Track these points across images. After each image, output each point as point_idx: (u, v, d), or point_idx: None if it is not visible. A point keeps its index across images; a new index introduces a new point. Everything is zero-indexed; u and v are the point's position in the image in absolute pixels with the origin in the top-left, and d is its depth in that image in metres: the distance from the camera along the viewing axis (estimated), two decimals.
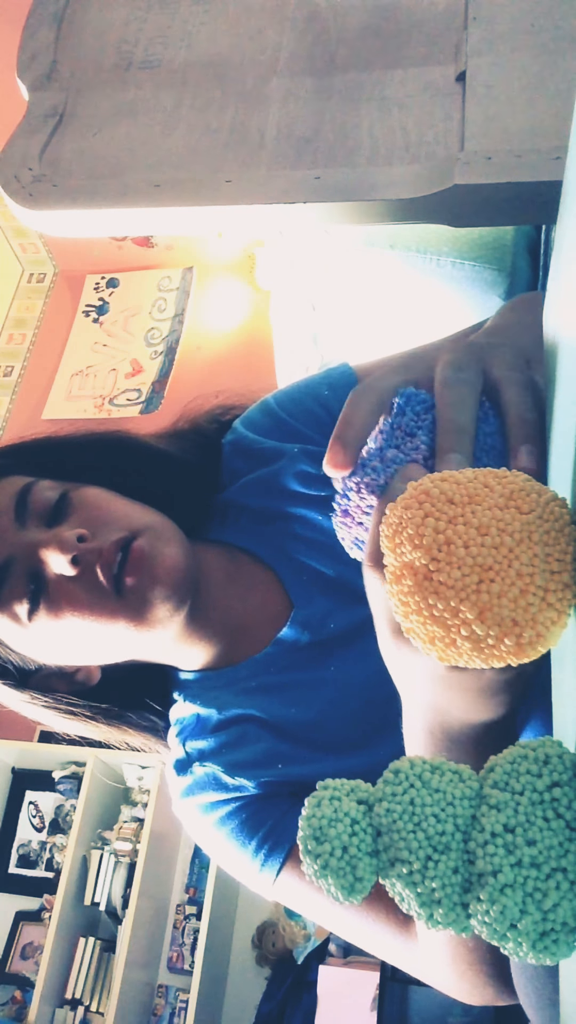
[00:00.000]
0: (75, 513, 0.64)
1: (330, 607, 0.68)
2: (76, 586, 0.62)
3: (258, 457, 0.74)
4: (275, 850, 0.64)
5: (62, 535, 0.62)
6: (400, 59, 0.75)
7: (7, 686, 0.69)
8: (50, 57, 0.86)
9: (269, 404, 0.77)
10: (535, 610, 0.30)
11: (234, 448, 0.76)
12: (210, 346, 2.99)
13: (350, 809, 0.30)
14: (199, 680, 0.71)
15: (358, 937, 0.63)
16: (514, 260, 1.44)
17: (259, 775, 0.66)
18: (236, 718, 0.68)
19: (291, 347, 2.04)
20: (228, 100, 0.79)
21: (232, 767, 0.66)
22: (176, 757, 0.71)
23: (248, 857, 0.65)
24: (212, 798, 0.67)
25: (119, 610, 0.62)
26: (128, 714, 0.73)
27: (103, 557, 0.61)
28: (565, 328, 0.37)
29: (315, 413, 0.74)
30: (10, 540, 0.63)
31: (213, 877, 2.33)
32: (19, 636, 0.65)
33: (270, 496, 0.72)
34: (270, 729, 0.67)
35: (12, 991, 2.40)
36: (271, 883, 0.64)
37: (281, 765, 0.65)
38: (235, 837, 0.65)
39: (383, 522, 0.33)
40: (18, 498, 0.65)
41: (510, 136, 0.67)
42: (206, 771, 0.68)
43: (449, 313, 1.52)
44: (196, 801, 0.68)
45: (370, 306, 1.67)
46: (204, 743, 0.69)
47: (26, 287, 3.30)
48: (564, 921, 0.26)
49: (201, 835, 0.69)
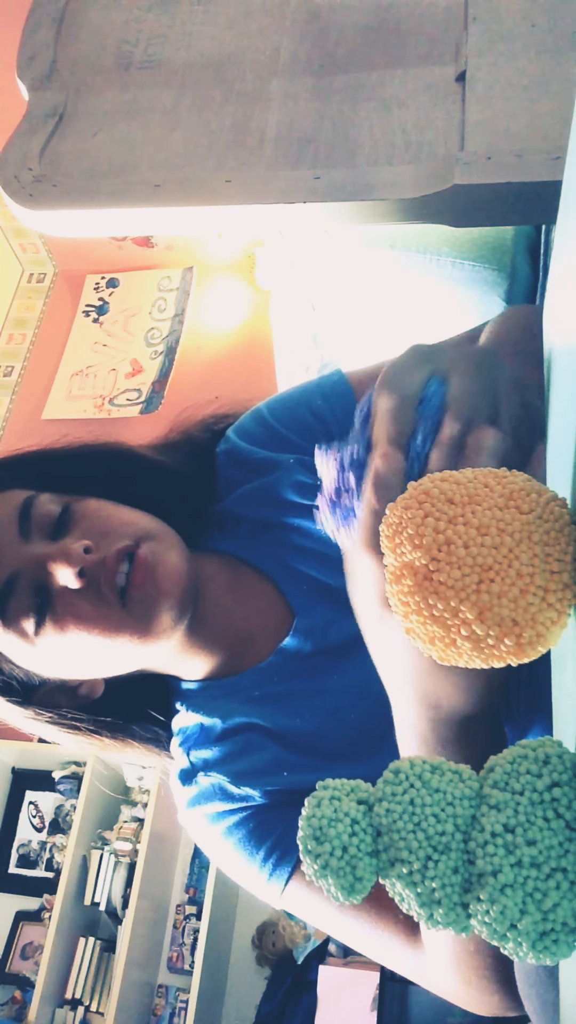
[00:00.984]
0: (78, 525, 0.65)
1: (331, 616, 0.68)
2: (81, 598, 0.62)
3: (252, 467, 0.74)
4: (283, 860, 0.64)
5: (68, 548, 0.62)
6: (400, 59, 0.75)
7: (11, 703, 0.69)
8: (50, 57, 0.86)
9: (262, 413, 0.77)
10: (535, 610, 0.30)
11: (228, 457, 0.76)
12: (210, 346, 2.99)
13: (350, 809, 0.30)
14: (202, 690, 0.71)
15: (365, 946, 0.63)
16: (514, 260, 1.44)
17: (265, 784, 0.66)
18: (240, 727, 0.68)
19: (291, 347, 2.05)
20: (228, 100, 0.79)
21: (238, 776, 0.66)
22: (180, 767, 0.71)
23: (256, 867, 0.65)
24: (219, 808, 0.67)
25: (123, 622, 0.62)
26: (131, 727, 0.73)
27: (107, 568, 0.62)
28: (564, 329, 0.37)
29: (307, 423, 0.74)
30: (15, 554, 0.63)
31: (213, 877, 2.33)
32: (25, 652, 0.65)
33: (267, 506, 0.72)
34: (274, 738, 0.67)
35: (12, 991, 2.40)
36: (279, 893, 0.64)
37: (286, 773, 0.65)
38: (243, 847, 0.65)
39: (383, 522, 0.33)
40: (21, 511, 0.65)
41: (510, 136, 0.67)
42: (212, 781, 0.68)
43: (449, 313, 1.52)
44: (203, 811, 0.68)
45: (370, 306, 1.67)
46: (209, 753, 0.69)
47: (26, 287, 3.30)
48: (564, 921, 0.26)
49: (209, 845, 0.69)
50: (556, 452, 0.37)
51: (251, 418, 0.77)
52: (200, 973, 2.20)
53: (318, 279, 1.78)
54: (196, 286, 3.06)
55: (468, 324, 0.74)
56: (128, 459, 0.74)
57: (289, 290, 2.01)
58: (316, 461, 0.45)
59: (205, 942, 2.24)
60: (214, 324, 3.02)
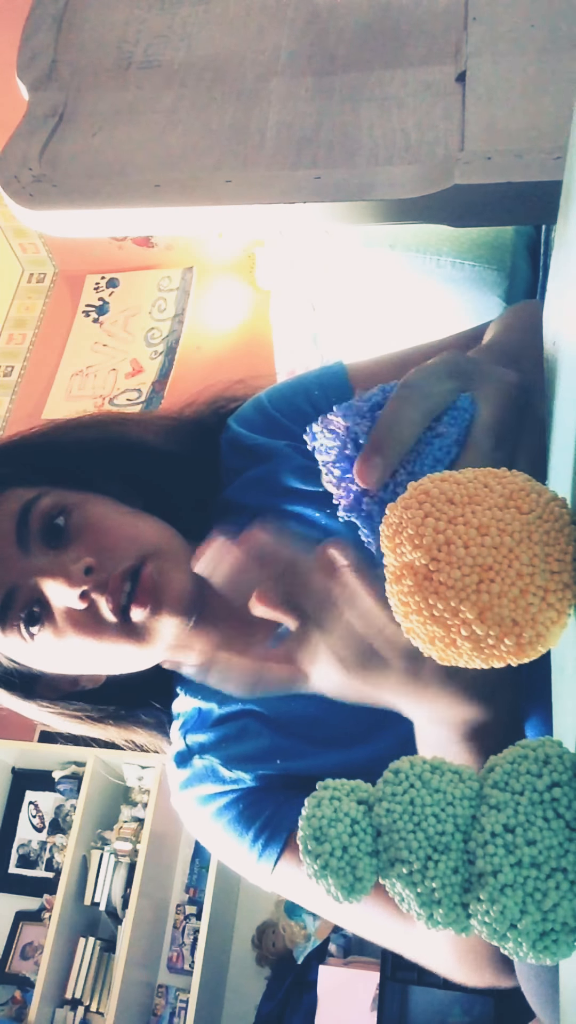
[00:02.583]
0: (80, 536, 0.64)
1: None
2: (82, 614, 0.62)
3: (252, 455, 0.74)
4: (272, 840, 0.64)
5: (69, 568, 0.61)
6: (400, 59, 0.75)
7: (14, 695, 0.69)
8: (50, 57, 0.86)
9: (261, 401, 0.77)
10: (535, 610, 0.30)
11: (230, 446, 0.76)
12: (210, 346, 2.99)
13: (350, 809, 0.30)
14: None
15: (357, 924, 0.64)
16: (514, 260, 1.44)
17: (257, 769, 0.66)
18: (237, 713, 0.68)
19: (291, 347, 2.05)
20: (228, 100, 0.79)
21: (230, 760, 0.67)
22: (177, 750, 0.71)
23: (245, 848, 0.65)
24: (209, 790, 0.67)
25: (124, 636, 0.63)
26: (134, 713, 0.73)
27: (111, 589, 0.61)
28: (565, 328, 0.37)
29: (304, 412, 0.74)
30: (14, 568, 0.63)
31: (213, 877, 2.33)
32: (25, 652, 0.65)
33: (268, 494, 0.72)
34: (270, 724, 0.67)
35: (12, 991, 2.40)
36: (269, 873, 0.64)
37: (280, 760, 0.66)
38: (232, 828, 0.66)
39: (383, 522, 0.33)
40: (19, 519, 0.64)
41: (510, 136, 0.67)
42: (205, 764, 0.68)
43: (449, 313, 1.52)
44: (194, 793, 0.68)
45: (370, 306, 1.67)
46: (204, 737, 0.69)
47: (26, 287, 3.30)
48: (564, 921, 0.26)
49: (198, 827, 0.70)
50: (556, 452, 0.37)
51: (251, 406, 0.77)
52: (200, 973, 2.20)
53: (318, 279, 1.78)
54: (196, 286, 3.05)
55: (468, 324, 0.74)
56: (134, 450, 0.73)
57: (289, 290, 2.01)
58: (315, 431, 0.43)
59: (205, 942, 2.24)
60: (214, 324, 3.02)
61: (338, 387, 0.74)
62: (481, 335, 0.68)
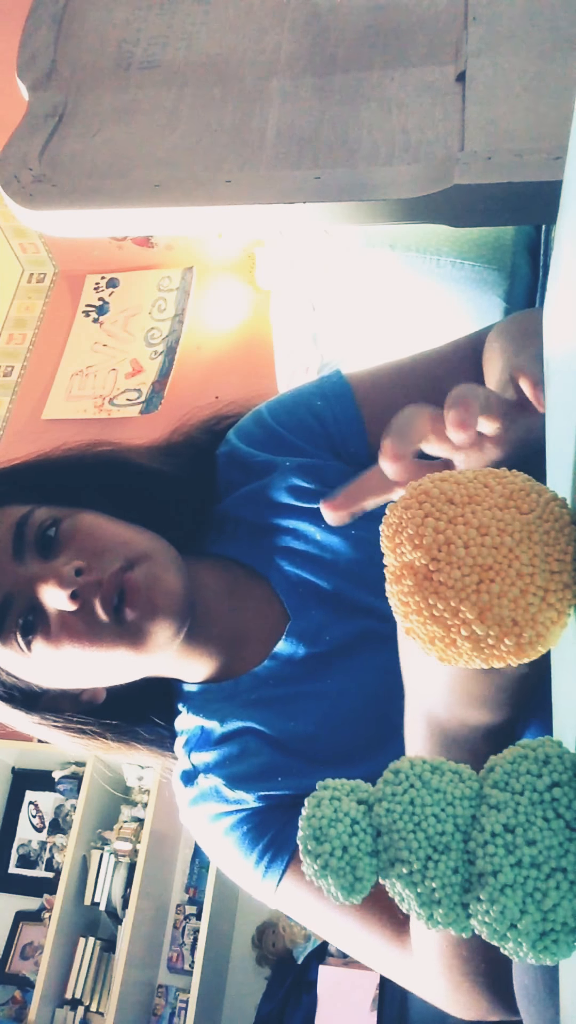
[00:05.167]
0: (71, 543, 0.64)
1: (326, 620, 0.69)
2: (75, 618, 0.63)
3: (251, 469, 0.74)
4: (277, 859, 0.64)
5: (60, 570, 0.62)
6: (400, 59, 0.75)
7: (16, 710, 0.70)
8: (50, 57, 0.86)
9: (262, 414, 0.77)
10: (535, 610, 0.30)
11: (228, 459, 0.76)
12: (210, 346, 2.99)
13: (350, 809, 0.30)
14: (202, 692, 0.72)
15: (354, 947, 0.64)
16: (514, 260, 1.44)
17: (258, 788, 0.66)
18: (237, 731, 0.69)
19: (291, 347, 2.05)
20: (228, 100, 0.79)
21: (233, 780, 0.67)
22: (183, 768, 0.72)
23: (251, 866, 0.65)
24: (217, 809, 0.68)
25: (119, 639, 0.63)
26: (135, 729, 0.74)
27: (102, 590, 0.62)
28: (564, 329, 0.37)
29: (307, 424, 0.74)
30: (9, 577, 0.64)
31: (213, 877, 2.33)
32: (23, 665, 0.65)
33: (263, 509, 0.72)
34: (270, 742, 0.67)
35: (12, 991, 2.40)
36: (273, 891, 0.65)
37: (281, 778, 0.66)
38: (239, 847, 0.66)
39: (383, 522, 0.33)
40: (15, 531, 0.65)
41: (510, 136, 0.67)
42: (210, 783, 0.69)
43: (449, 313, 1.52)
44: (203, 811, 0.69)
45: (370, 306, 1.67)
46: (208, 756, 0.69)
47: (26, 287, 3.30)
48: (564, 921, 0.26)
49: (209, 844, 0.70)
50: (556, 452, 0.37)
51: (251, 419, 0.77)
52: (200, 973, 2.20)
53: (318, 279, 1.78)
54: (196, 286, 3.05)
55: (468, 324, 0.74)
56: (124, 468, 0.74)
57: (289, 290, 2.01)
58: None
59: (205, 942, 2.24)
60: (214, 324, 3.02)
61: (340, 396, 0.74)
62: (479, 342, 0.68)
